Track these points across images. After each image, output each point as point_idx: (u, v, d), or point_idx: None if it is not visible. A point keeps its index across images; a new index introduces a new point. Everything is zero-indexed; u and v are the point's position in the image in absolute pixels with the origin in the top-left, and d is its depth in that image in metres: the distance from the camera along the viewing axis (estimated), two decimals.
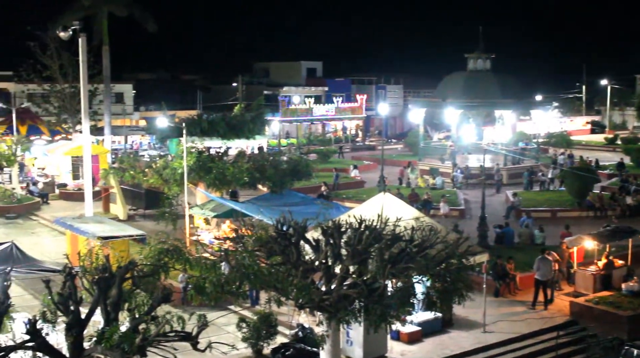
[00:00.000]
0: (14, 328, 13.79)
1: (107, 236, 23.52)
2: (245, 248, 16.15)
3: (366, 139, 78.69)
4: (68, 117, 54.70)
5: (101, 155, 44.73)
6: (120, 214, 36.28)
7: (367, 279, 15.22)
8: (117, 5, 50.46)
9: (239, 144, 39.91)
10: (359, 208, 21.42)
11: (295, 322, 19.75)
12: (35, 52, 51.06)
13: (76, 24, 29.44)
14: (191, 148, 30.37)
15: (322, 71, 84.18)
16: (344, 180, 46.68)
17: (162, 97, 60.48)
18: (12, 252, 21.24)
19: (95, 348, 12.65)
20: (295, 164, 31.82)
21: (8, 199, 39.71)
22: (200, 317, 13.26)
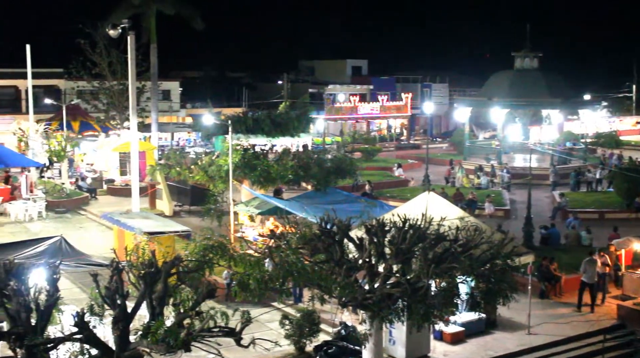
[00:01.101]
0: (62, 320, 14.06)
1: (154, 232, 23.82)
2: (289, 245, 16.23)
3: (411, 137, 78.31)
4: (116, 114, 55.54)
5: (148, 152, 45.29)
6: (166, 210, 36.69)
7: (410, 278, 15.17)
8: (165, 4, 51.00)
9: (283, 141, 40.09)
10: (403, 207, 21.35)
11: (338, 320, 19.78)
12: (86, 50, 51.95)
13: (125, 22, 29.83)
14: (236, 145, 30.57)
15: (368, 69, 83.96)
16: (388, 179, 46.57)
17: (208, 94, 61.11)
18: (62, 246, 21.63)
19: (141, 342, 12.82)
20: (339, 163, 31.84)
21: (58, 194, 40.44)
22: (244, 313, 13.34)
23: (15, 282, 12.87)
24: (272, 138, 37.45)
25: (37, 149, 43.91)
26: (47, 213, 36.99)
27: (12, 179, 41.02)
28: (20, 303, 12.67)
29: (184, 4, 51.65)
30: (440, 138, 78.66)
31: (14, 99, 61.76)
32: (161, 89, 60.34)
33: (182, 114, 69.55)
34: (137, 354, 13.07)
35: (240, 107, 67.31)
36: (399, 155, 62.87)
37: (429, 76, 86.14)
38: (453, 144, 64.70)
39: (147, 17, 50.89)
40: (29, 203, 36.78)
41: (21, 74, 48.62)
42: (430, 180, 42.12)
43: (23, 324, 12.62)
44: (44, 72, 56.54)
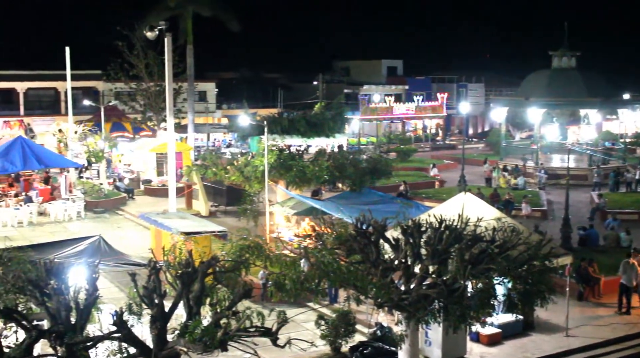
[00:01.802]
0: (101, 319, 14.24)
1: (190, 232, 23.98)
2: (324, 246, 16.24)
3: (446, 138, 77.91)
4: (153, 115, 56.14)
5: (184, 152, 45.65)
6: (202, 210, 36.93)
7: (447, 279, 15.09)
8: (202, 6, 51.41)
9: (319, 142, 40.20)
10: (439, 208, 21.25)
11: (374, 321, 19.75)
12: (123, 52, 52.61)
13: (162, 24, 30.10)
14: (272, 145, 30.68)
15: (403, 69, 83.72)
16: (424, 179, 46.39)
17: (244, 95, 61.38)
18: (100, 245, 21.86)
19: (178, 341, 12.93)
20: (375, 163, 31.79)
21: (96, 194, 40.94)
22: (280, 313, 13.37)
23: (55, 281, 13.05)
24: (307, 139, 37.56)
25: (76, 150, 44.50)
26: (86, 213, 37.47)
27: (52, 179, 41.63)
28: (60, 302, 12.84)
29: (220, 5, 51.99)
30: (476, 138, 78.18)
31: (54, 101, 62.79)
32: (197, 90, 60.84)
33: (218, 115, 70.00)
34: (174, 353, 13.17)
35: (275, 108, 67.59)
36: (434, 155, 62.58)
37: (464, 75, 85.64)
38: (489, 144, 64.24)
39: (184, 18, 51.35)
40: (68, 203, 37.29)
41: (61, 76, 49.35)
42: (467, 180, 41.86)
43: (63, 322, 12.80)
44: (83, 74, 57.36)
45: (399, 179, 42.16)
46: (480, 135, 79.26)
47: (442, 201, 25.88)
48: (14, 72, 59.83)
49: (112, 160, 49.13)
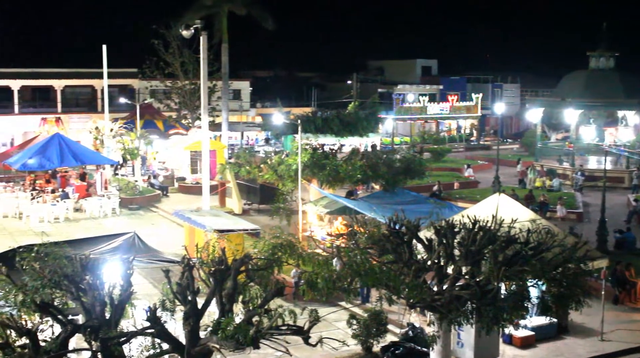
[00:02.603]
0: (135, 315, 14.38)
1: (223, 230, 24.11)
2: (357, 245, 16.22)
3: (481, 138, 77.37)
4: (188, 113, 56.52)
5: (218, 150, 45.87)
6: (236, 208, 37.10)
7: (480, 280, 14.99)
8: (237, 4, 51.56)
9: (352, 141, 40.13)
10: (473, 208, 21.12)
11: (406, 321, 19.68)
12: (159, 50, 53.05)
13: (198, 23, 30.28)
14: (305, 144, 30.71)
15: (438, 69, 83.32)
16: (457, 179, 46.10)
17: (278, 94, 61.56)
18: (134, 242, 22.06)
19: (211, 337, 13.00)
20: (408, 163, 31.67)
21: (131, 191, 41.34)
22: (312, 312, 13.38)
23: (90, 276, 13.20)
24: (341, 138, 37.53)
25: (112, 147, 44.99)
26: (121, 209, 37.86)
27: (88, 176, 42.13)
28: (95, 297, 12.99)
29: (255, 4, 52.13)
30: (511, 138, 77.55)
31: (91, 99, 63.51)
32: (232, 89, 61.06)
33: (252, 114, 70.27)
34: (207, 350, 13.26)
35: (309, 107, 67.66)
36: (468, 156, 62.22)
37: (500, 76, 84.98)
38: (524, 145, 63.68)
39: (219, 17, 51.54)
40: (104, 199, 37.73)
41: (97, 74, 49.91)
42: (501, 181, 41.53)
43: (98, 317, 12.94)
44: (119, 72, 57.96)
45: (433, 179, 41.98)
46: (515, 136, 78.61)
47: (475, 202, 25.72)
48: (52, 70, 60.66)
49: (146, 157, 49.57)
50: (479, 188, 43.57)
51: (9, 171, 42.91)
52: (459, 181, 43.69)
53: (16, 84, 58.98)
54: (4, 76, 58.74)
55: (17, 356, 12.14)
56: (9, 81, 58.77)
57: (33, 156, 37.67)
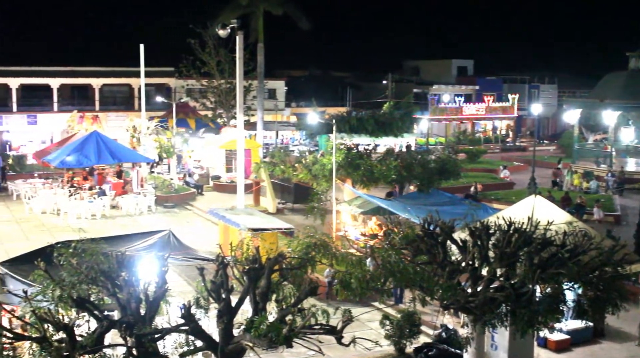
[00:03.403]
0: (169, 312, 14.49)
1: (258, 228, 24.19)
2: (391, 245, 16.18)
3: (517, 139, 76.68)
4: (223, 112, 56.84)
5: (253, 149, 46.07)
6: (270, 207, 37.22)
7: (515, 283, 14.87)
8: (273, 4, 51.75)
9: (387, 141, 39.99)
10: (508, 210, 20.95)
11: (439, 323, 19.59)
12: (195, 49, 53.43)
13: (234, 22, 30.42)
14: (340, 144, 30.70)
15: (473, 69, 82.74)
16: (493, 181, 45.80)
17: (313, 94, 61.57)
18: (170, 239, 22.16)
19: (244, 335, 13.06)
20: (443, 164, 31.51)
21: (167, 189, 41.69)
22: (345, 312, 13.37)
23: (126, 273, 13.33)
24: (375, 138, 37.42)
25: (148, 145, 45.41)
26: (156, 207, 38.21)
27: (124, 174, 42.58)
28: (130, 293, 13.11)
29: (290, 3, 52.27)
30: (547, 140, 76.76)
31: (128, 97, 64.19)
32: (267, 88, 61.30)
33: (286, 113, 70.44)
34: (240, 348, 13.32)
35: (344, 106, 67.65)
36: (504, 157, 61.72)
37: (536, 76, 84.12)
38: (561, 146, 62.99)
39: (255, 17, 51.77)
40: (140, 197, 38.11)
41: (134, 72, 50.41)
42: (537, 183, 41.11)
43: (133, 314, 13.06)
44: (156, 71, 58.45)
45: (468, 180, 41.70)
46: (551, 137, 77.78)
47: (511, 204, 25.51)
48: (90, 69, 61.42)
49: (182, 156, 49.95)
50: (514, 190, 43.20)
51: (47, 168, 43.56)
52: (481, 183, 42.89)
53: (56, 83, 59.81)
54: (45, 74, 59.65)
55: (54, 350, 12.29)
56: (49, 79, 59.63)
57: (71, 154, 38.18)
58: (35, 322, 12.52)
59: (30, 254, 18.97)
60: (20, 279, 17.46)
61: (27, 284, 15.42)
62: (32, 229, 33.38)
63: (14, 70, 58.95)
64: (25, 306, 13.00)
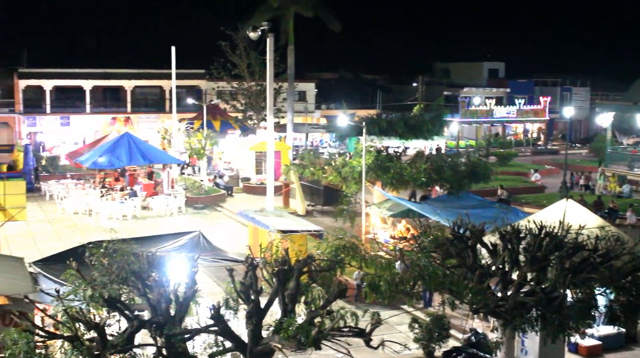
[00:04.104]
0: (199, 313, 14.57)
1: (287, 230, 24.21)
2: (421, 248, 16.12)
3: (548, 142, 76.02)
4: (253, 114, 57.07)
5: (283, 151, 46.17)
6: (299, 209, 37.26)
7: (545, 287, 14.73)
8: (304, 6, 51.85)
9: (417, 144, 39.84)
10: (539, 214, 20.76)
11: (469, 327, 19.47)
12: (226, 52, 53.72)
13: (264, 25, 30.52)
14: (370, 146, 30.65)
15: (505, 72, 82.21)
16: (523, 184, 45.44)
17: (342, 96, 61.61)
18: (200, 240, 22.30)
19: (273, 337, 13.08)
20: (473, 166, 31.31)
21: (197, 190, 41.93)
22: (374, 315, 13.34)
23: (156, 273, 13.42)
24: (405, 140, 37.27)
25: (179, 147, 45.72)
26: (186, 208, 38.43)
27: (155, 175, 42.89)
28: (160, 293, 13.20)
29: (321, 6, 52.32)
30: (579, 143, 75.98)
31: (159, 99, 64.73)
32: (297, 90, 61.41)
33: (316, 115, 70.51)
34: (268, 349, 13.34)
35: (374, 109, 67.52)
36: (535, 160, 61.22)
37: (568, 79, 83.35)
38: (593, 150, 62.29)
39: (286, 19, 51.93)
40: (170, 198, 38.36)
41: (166, 75, 50.80)
42: (568, 187, 40.73)
43: (163, 314, 13.15)
44: (187, 73, 58.85)
45: (498, 183, 41.41)
46: (584, 140, 77.00)
47: (542, 208, 25.29)
48: (122, 71, 62.04)
49: (212, 157, 50.21)
50: (545, 193, 42.82)
51: (80, 169, 44.04)
52: (508, 186, 42.31)
53: (88, 85, 60.49)
54: (77, 76, 60.38)
55: (86, 349, 12.41)
56: (82, 81, 60.34)
57: (103, 155, 38.54)
58: (67, 321, 12.65)
59: (62, 254, 19.23)
60: (52, 278, 17.70)
61: (60, 283, 15.62)
62: (65, 229, 33.76)
63: (48, 72, 59.78)
64: (57, 306, 13.14)
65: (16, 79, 58.90)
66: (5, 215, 24.70)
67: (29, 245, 30.04)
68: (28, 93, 59.94)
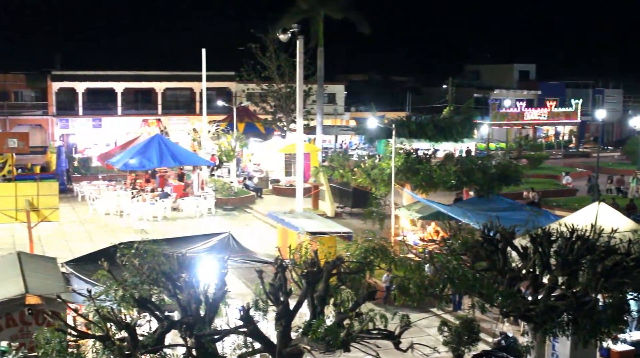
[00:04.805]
0: (228, 314, 14.63)
1: (316, 232, 24.26)
2: (450, 251, 16.03)
3: (580, 145, 75.27)
4: (283, 116, 57.21)
5: (312, 153, 46.25)
6: (328, 211, 37.29)
7: (577, 291, 14.58)
8: (333, 9, 51.86)
9: (446, 146, 39.67)
10: (571, 217, 20.57)
11: (499, 330, 19.33)
12: (256, 54, 53.93)
13: (294, 27, 30.59)
14: (399, 149, 30.59)
15: (536, 74, 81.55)
16: (554, 187, 45.04)
17: (372, 98, 61.52)
18: (229, 242, 22.43)
19: (302, 339, 13.10)
20: (504, 169, 31.09)
21: (226, 192, 42.14)
22: (403, 317, 13.29)
23: (186, 274, 13.50)
24: (435, 143, 37.12)
25: (209, 148, 46.00)
26: (216, 209, 38.65)
27: (186, 176, 43.18)
28: (191, 294, 13.27)
29: (351, 8, 52.29)
30: (611, 146, 75.15)
31: (189, 101, 65.20)
32: (327, 92, 61.50)
33: (346, 117, 70.51)
34: (297, 351, 13.36)
35: (403, 111, 67.41)
36: (566, 163, 60.65)
37: (601, 81, 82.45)
38: (626, 153, 61.56)
39: (315, 21, 51.97)
40: (200, 199, 38.60)
41: (196, 77, 51.14)
42: (600, 190, 40.30)
43: (193, 314, 13.22)
44: (217, 75, 59.24)
45: (529, 186, 41.09)
46: (616, 143, 76.12)
47: (573, 211, 25.05)
48: (153, 73, 62.59)
49: (241, 159, 50.40)
50: (577, 196, 42.40)
51: (111, 171, 44.49)
52: (538, 189, 41.86)
53: (120, 87, 61.11)
54: (109, 78, 61.02)
55: (117, 349, 12.53)
56: (113, 83, 60.97)
57: (134, 156, 38.90)
58: (99, 321, 12.78)
59: (94, 254, 19.47)
60: (84, 278, 17.92)
61: (91, 283, 15.80)
62: (96, 230, 34.12)
63: (81, 75, 60.47)
64: (89, 305, 13.27)
65: (49, 81, 59.71)
66: (38, 216, 25.03)
67: (61, 246, 30.43)
68: (61, 96, 60.72)
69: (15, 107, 60.30)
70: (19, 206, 24.72)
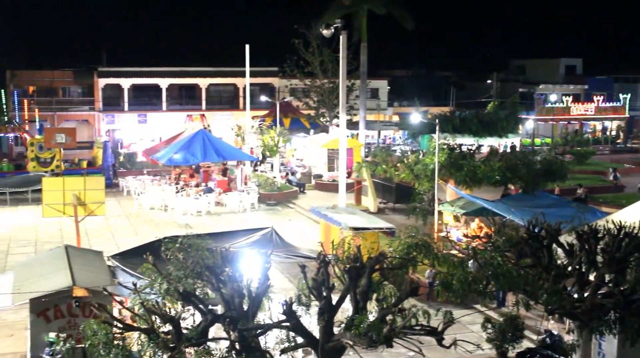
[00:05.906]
0: (271, 308, 14.69)
1: (359, 227, 24.23)
2: (494, 247, 15.88)
3: (628, 141, 73.91)
4: (326, 112, 57.22)
5: (355, 149, 46.18)
6: (371, 206, 37.23)
7: (624, 289, 14.33)
8: (376, 4, 51.66)
9: (491, 142, 39.27)
10: (618, 214, 20.21)
11: (543, 328, 19.10)
12: (299, 49, 54.02)
13: (337, 22, 30.54)
14: (443, 144, 30.38)
15: (582, 68, 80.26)
16: (601, 183, 44.32)
17: (415, 93, 61.19)
18: (272, 237, 22.52)
19: (344, 334, 13.11)
20: (549, 165, 30.67)
21: (269, 187, 42.32)
22: (446, 313, 13.21)
23: (230, 269, 13.59)
24: (479, 138, 36.79)
25: (252, 144, 46.23)
26: (259, 204, 38.85)
27: (229, 171, 43.48)
28: (234, 288, 13.36)
29: (394, 3, 52.04)
30: None
31: (233, 96, 65.63)
32: (370, 88, 61.32)
33: (389, 113, 70.24)
34: (340, 346, 13.38)
35: (447, 106, 66.92)
36: (614, 159, 59.60)
37: None
38: None
39: (359, 16, 51.82)
40: (243, 194, 38.82)
41: (239, 72, 51.39)
42: None
43: (236, 309, 13.31)
44: (261, 71, 59.47)
45: (575, 182, 40.50)
46: None
47: (621, 207, 24.62)
48: (197, 69, 63.12)
49: (284, 154, 50.56)
50: (624, 193, 41.68)
51: (156, 166, 45.00)
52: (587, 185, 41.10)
53: (164, 83, 61.74)
54: (154, 74, 61.73)
55: (161, 341, 12.68)
56: (159, 79, 61.63)
57: (178, 152, 39.28)
58: (144, 314, 12.95)
59: (139, 248, 19.72)
60: (129, 272, 18.16)
61: (136, 277, 15.99)
62: (141, 224, 34.56)
63: (126, 71, 61.26)
64: (134, 298, 13.45)
65: (96, 78, 60.60)
66: (85, 210, 25.43)
67: (107, 239, 30.89)
68: (107, 91, 61.62)
69: (63, 103, 61.31)
70: (66, 201, 25.13)
